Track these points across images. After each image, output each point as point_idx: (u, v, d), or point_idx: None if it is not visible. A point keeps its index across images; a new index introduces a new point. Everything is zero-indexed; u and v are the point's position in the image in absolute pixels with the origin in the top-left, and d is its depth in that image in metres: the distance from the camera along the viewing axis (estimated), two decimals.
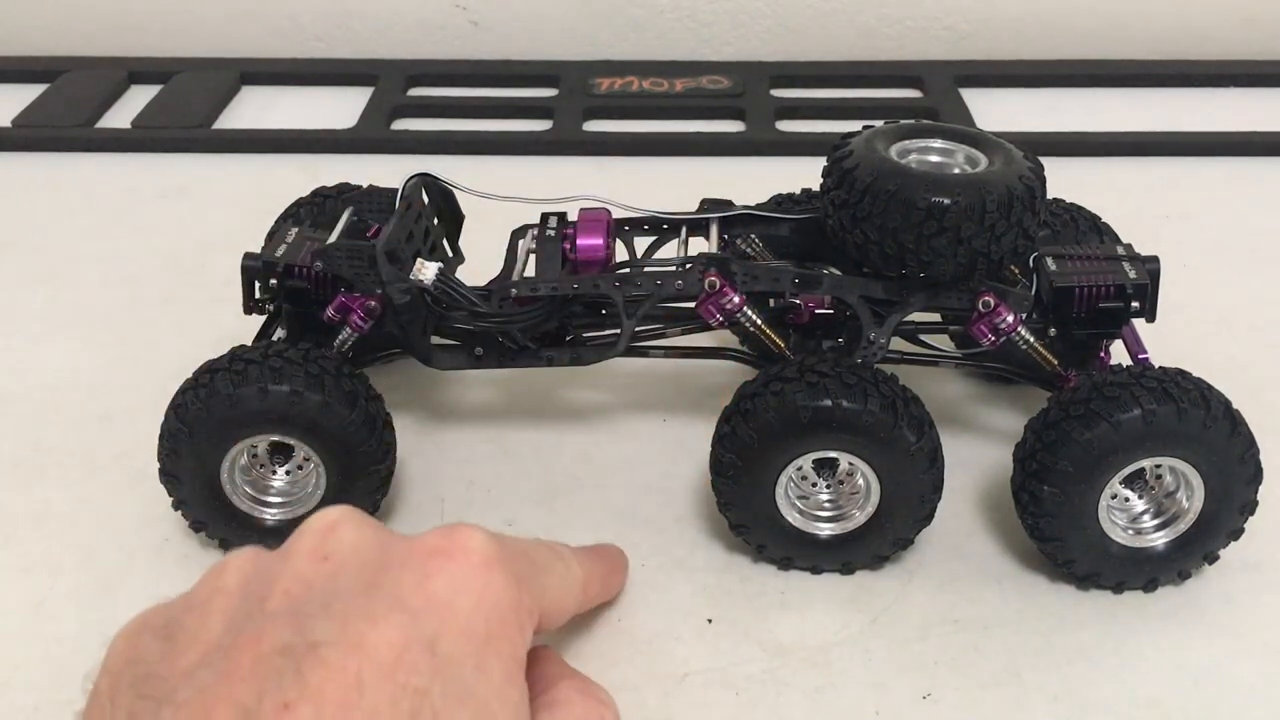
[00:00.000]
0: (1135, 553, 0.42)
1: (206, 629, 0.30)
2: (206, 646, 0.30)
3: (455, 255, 0.52)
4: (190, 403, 0.43)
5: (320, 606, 0.30)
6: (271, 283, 0.47)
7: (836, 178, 0.44)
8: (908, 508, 0.43)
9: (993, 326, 0.44)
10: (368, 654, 0.29)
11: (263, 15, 0.88)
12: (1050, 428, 0.41)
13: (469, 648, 0.31)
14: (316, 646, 0.29)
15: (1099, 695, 0.40)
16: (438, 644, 0.30)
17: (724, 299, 0.45)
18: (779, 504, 0.43)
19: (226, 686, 0.28)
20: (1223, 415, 0.40)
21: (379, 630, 0.29)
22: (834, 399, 0.41)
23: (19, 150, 0.77)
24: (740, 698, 0.40)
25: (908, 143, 0.45)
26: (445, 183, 0.50)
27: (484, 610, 0.32)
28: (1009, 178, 0.42)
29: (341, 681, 0.28)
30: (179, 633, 0.31)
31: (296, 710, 0.28)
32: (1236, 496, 0.42)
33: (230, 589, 0.32)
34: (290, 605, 0.30)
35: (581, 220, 0.47)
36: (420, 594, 0.31)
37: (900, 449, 0.41)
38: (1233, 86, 0.84)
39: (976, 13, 0.87)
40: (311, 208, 0.52)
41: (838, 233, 0.44)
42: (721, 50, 0.88)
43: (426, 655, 0.29)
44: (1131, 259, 0.47)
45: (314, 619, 0.29)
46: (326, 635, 0.29)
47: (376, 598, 0.30)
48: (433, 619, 0.30)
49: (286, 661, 0.28)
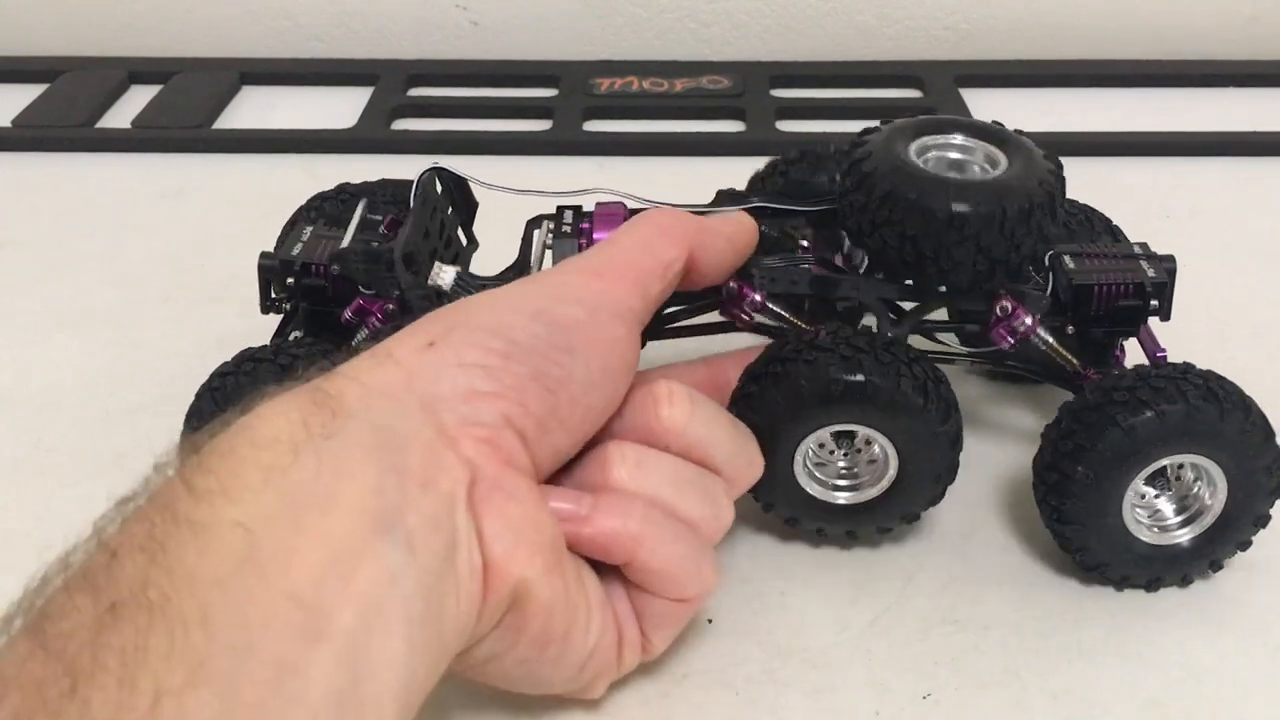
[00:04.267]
0: (1152, 549, 0.42)
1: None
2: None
3: (470, 242, 0.52)
4: (230, 386, 0.42)
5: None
6: (288, 282, 0.47)
7: (855, 180, 0.43)
8: (922, 486, 0.42)
9: (1011, 329, 0.44)
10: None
11: (263, 15, 0.88)
12: (1092, 410, 0.41)
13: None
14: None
15: (1099, 695, 0.40)
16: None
17: (746, 300, 0.45)
18: (795, 468, 0.42)
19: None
20: (1260, 424, 0.41)
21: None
22: (868, 375, 0.40)
23: (19, 150, 0.77)
24: (740, 698, 0.40)
25: (926, 140, 0.45)
26: (458, 174, 0.50)
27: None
28: (1029, 183, 0.42)
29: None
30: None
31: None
32: (1255, 507, 0.42)
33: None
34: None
35: (598, 214, 0.47)
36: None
37: (925, 430, 0.41)
38: (1233, 86, 0.84)
39: (976, 13, 0.87)
40: (336, 203, 0.52)
41: (854, 235, 0.44)
42: (721, 50, 0.88)
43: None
44: (1148, 257, 0.46)
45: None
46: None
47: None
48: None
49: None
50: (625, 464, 0.37)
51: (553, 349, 0.36)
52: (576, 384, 0.36)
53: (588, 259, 0.41)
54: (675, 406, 0.39)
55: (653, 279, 0.40)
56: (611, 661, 0.38)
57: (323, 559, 0.29)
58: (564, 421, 0.36)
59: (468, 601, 0.33)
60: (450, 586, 0.32)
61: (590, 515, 0.36)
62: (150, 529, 0.29)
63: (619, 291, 0.39)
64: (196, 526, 0.29)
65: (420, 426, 0.33)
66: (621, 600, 0.38)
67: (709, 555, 0.39)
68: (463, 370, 0.35)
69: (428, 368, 0.35)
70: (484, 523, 0.33)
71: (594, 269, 0.40)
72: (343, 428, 0.32)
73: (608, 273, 0.39)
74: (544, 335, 0.36)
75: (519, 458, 0.35)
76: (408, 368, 0.34)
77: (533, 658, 0.35)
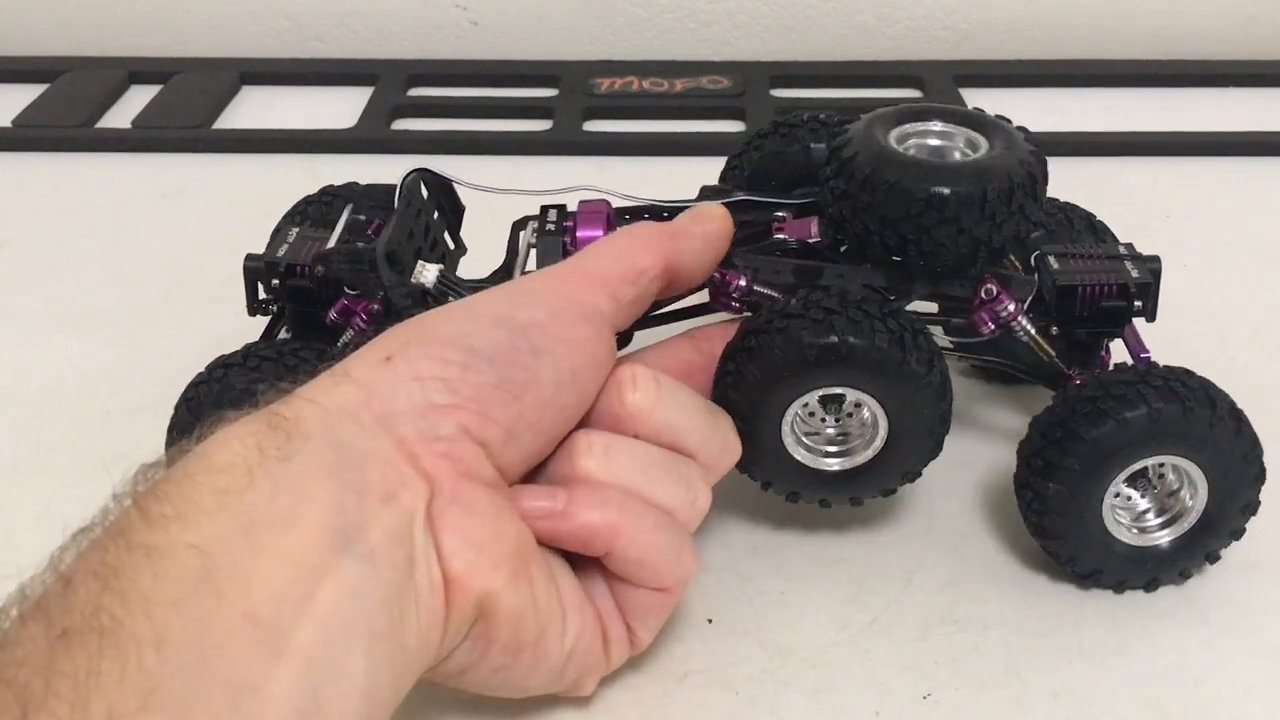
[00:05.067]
0: (1138, 551, 0.42)
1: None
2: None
3: (457, 247, 0.52)
4: (203, 395, 0.43)
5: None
6: (274, 283, 0.47)
7: (835, 167, 0.43)
8: (916, 441, 0.42)
9: (994, 314, 0.44)
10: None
11: (263, 15, 0.88)
12: (1057, 425, 0.41)
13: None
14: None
15: (1099, 695, 0.40)
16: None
17: (730, 287, 0.45)
18: (785, 440, 0.42)
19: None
20: (1228, 415, 0.40)
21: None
22: (840, 335, 0.40)
23: (19, 150, 0.77)
24: (740, 698, 0.40)
25: (907, 127, 0.45)
26: (443, 176, 0.50)
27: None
28: (1010, 164, 0.42)
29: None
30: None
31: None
32: (1240, 496, 0.42)
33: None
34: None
35: (581, 212, 0.47)
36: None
37: (909, 383, 0.40)
38: (1233, 86, 0.84)
39: (976, 13, 0.87)
40: (320, 206, 0.52)
41: (838, 222, 0.44)
42: (721, 50, 0.88)
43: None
44: (1133, 258, 0.46)
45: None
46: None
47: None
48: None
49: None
50: (593, 453, 0.37)
51: (516, 352, 0.36)
52: (544, 385, 0.36)
53: (554, 267, 0.40)
54: (639, 391, 0.38)
55: (624, 284, 0.39)
56: (597, 659, 0.38)
57: (282, 577, 0.29)
58: (533, 425, 0.36)
59: (429, 616, 0.32)
60: (410, 601, 0.32)
61: (566, 510, 0.36)
62: (104, 555, 0.29)
63: (584, 294, 0.38)
64: (151, 551, 0.28)
65: (379, 442, 0.33)
66: (604, 597, 0.38)
67: (687, 542, 0.39)
68: (420, 384, 0.34)
69: (385, 384, 0.34)
70: (442, 538, 0.33)
71: (558, 275, 0.39)
72: (299, 449, 0.32)
73: (572, 278, 0.39)
74: (505, 339, 0.36)
75: (480, 468, 0.35)
76: (365, 385, 0.34)
77: (507, 664, 0.35)
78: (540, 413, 0.36)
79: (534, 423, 0.36)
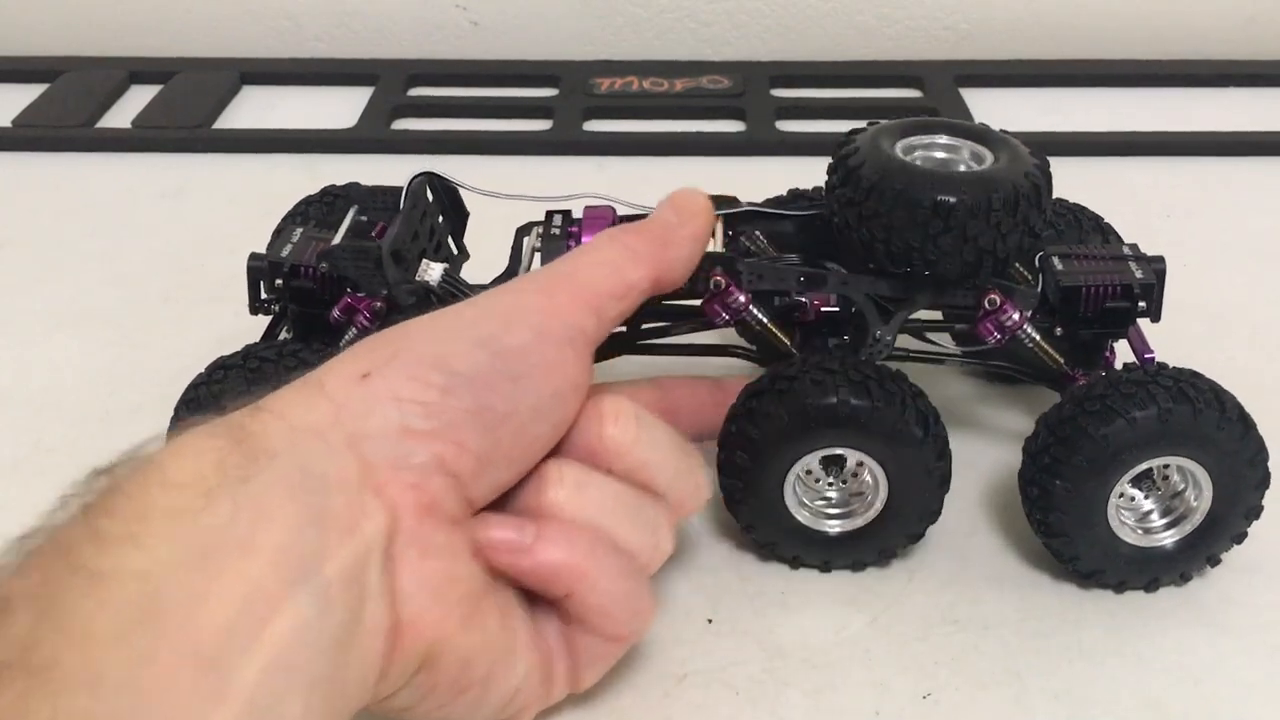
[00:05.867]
0: (1141, 551, 0.42)
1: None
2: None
3: (460, 252, 0.52)
4: (203, 396, 0.43)
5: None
6: (277, 283, 0.47)
7: (841, 175, 0.44)
8: (917, 503, 0.42)
9: (998, 324, 0.44)
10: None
11: (263, 15, 0.88)
12: (1065, 423, 0.41)
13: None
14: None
15: (1099, 695, 0.40)
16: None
17: (729, 298, 0.45)
18: (787, 502, 0.43)
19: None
20: (1237, 417, 0.41)
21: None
22: (840, 396, 0.40)
23: (19, 150, 0.77)
24: (740, 698, 0.40)
25: (913, 139, 0.45)
26: (450, 180, 0.50)
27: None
28: (1015, 174, 0.42)
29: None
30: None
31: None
32: (1244, 499, 0.42)
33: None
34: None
35: (586, 218, 0.47)
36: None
37: (908, 445, 0.41)
38: (1233, 86, 0.84)
39: (976, 13, 0.87)
40: (321, 206, 0.52)
41: (843, 230, 0.44)
42: (721, 50, 0.88)
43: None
44: (1137, 259, 0.46)
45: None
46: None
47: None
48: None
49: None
50: (564, 485, 0.36)
51: (496, 377, 0.35)
52: (522, 414, 0.35)
53: (544, 274, 0.39)
54: (620, 426, 0.37)
55: (611, 300, 0.39)
56: (538, 696, 0.37)
57: (232, 609, 0.28)
58: (507, 454, 0.35)
59: (373, 658, 0.31)
60: (356, 643, 0.31)
61: (533, 546, 0.35)
62: (45, 577, 0.27)
63: (570, 312, 0.37)
64: (94, 577, 0.27)
65: (345, 467, 0.32)
66: (554, 635, 0.37)
67: (647, 591, 0.37)
68: (397, 405, 0.33)
69: (359, 402, 0.33)
70: (398, 579, 0.32)
71: (546, 287, 0.38)
72: (262, 469, 0.30)
73: (560, 291, 0.38)
74: (486, 363, 0.35)
75: (445, 503, 0.34)
76: (337, 402, 0.33)
77: (449, 703, 0.34)
78: (514, 441, 0.35)
79: (507, 452, 0.35)
